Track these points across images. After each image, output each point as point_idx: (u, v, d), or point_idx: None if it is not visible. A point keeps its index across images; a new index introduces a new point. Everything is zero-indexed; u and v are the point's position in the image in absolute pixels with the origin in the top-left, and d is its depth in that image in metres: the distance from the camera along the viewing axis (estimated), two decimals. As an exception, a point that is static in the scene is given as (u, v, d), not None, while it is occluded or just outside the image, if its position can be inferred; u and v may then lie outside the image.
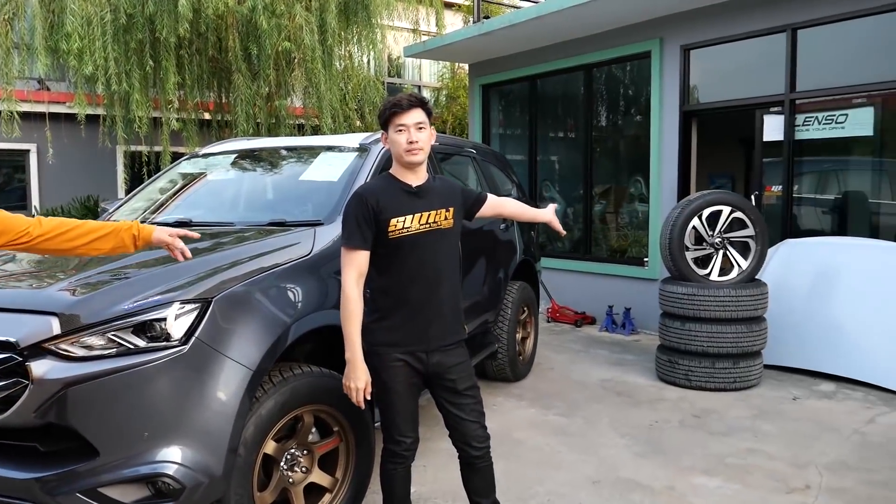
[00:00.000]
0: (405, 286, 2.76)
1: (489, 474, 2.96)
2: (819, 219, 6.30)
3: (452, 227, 2.87)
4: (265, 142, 4.63)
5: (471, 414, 2.87)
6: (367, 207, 2.70)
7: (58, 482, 2.53)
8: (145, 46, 7.47)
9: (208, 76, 8.61)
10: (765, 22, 6.14)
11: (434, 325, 2.79)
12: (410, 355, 2.78)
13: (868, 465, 3.98)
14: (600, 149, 8.00)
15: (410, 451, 2.88)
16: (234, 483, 2.75)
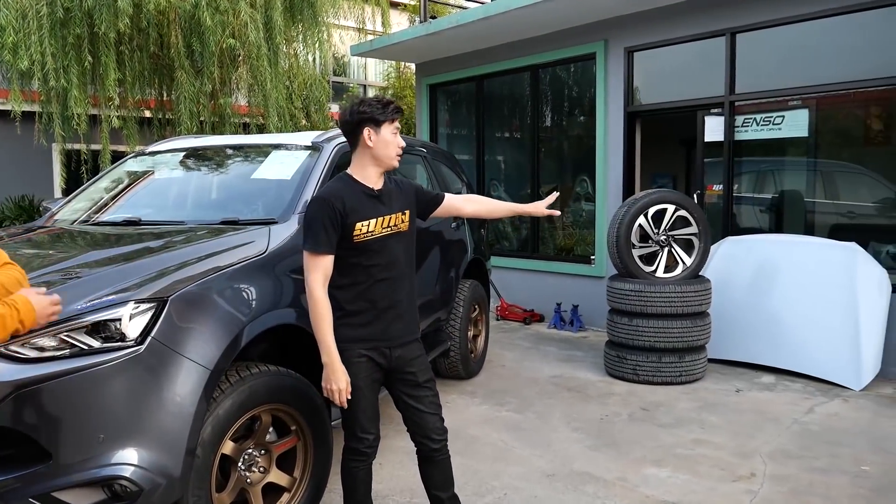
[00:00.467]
0: (369, 287, 2.78)
1: (447, 468, 2.99)
2: (758, 217, 6.54)
3: (408, 228, 2.91)
4: (215, 140, 4.55)
5: (430, 406, 2.91)
6: (335, 211, 2.70)
7: (10, 488, 2.45)
8: (84, 41, 7.22)
9: (150, 73, 8.39)
10: (705, 26, 6.34)
11: (396, 322, 2.83)
12: (374, 350, 2.80)
13: (808, 452, 4.15)
14: (547, 149, 8.12)
15: (373, 447, 2.89)
16: (192, 484, 2.71)
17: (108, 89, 7.36)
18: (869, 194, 5.98)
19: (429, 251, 4.93)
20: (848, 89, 5.74)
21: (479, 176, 8.75)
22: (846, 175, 6.11)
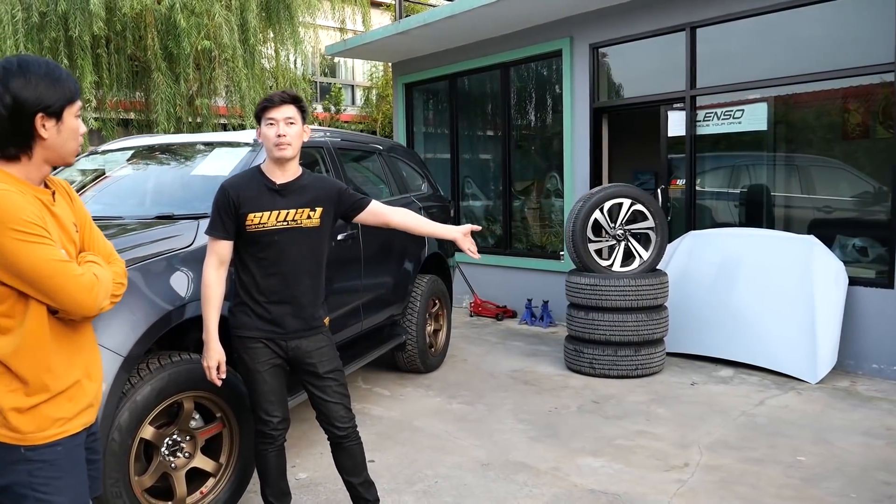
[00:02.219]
0: (262, 278, 2.86)
1: (357, 454, 3.06)
2: (720, 210, 6.58)
3: (319, 226, 2.94)
4: (164, 138, 4.65)
5: (333, 396, 2.97)
6: (229, 200, 2.82)
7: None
8: (60, 45, 7.36)
9: (128, 75, 8.52)
10: (665, 21, 6.38)
11: (290, 315, 2.89)
12: (269, 340, 2.88)
13: (748, 444, 4.18)
14: (518, 146, 8.17)
15: (278, 430, 2.96)
16: (109, 467, 2.78)
17: (85, 91, 7.49)
18: (832, 187, 6.00)
19: (382, 247, 5.00)
20: (805, 81, 5.76)
21: (454, 174, 8.82)
22: (807, 168, 6.13)
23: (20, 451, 1.78)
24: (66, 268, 1.77)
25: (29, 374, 1.78)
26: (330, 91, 13.75)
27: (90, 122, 8.24)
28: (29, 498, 1.78)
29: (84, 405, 1.91)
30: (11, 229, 1.67)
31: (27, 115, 1.76)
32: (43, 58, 1.95)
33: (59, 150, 1.86)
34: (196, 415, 3.24)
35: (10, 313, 1.76)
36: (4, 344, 1.76)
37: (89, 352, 1.99)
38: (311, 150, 4.59)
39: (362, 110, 14.22)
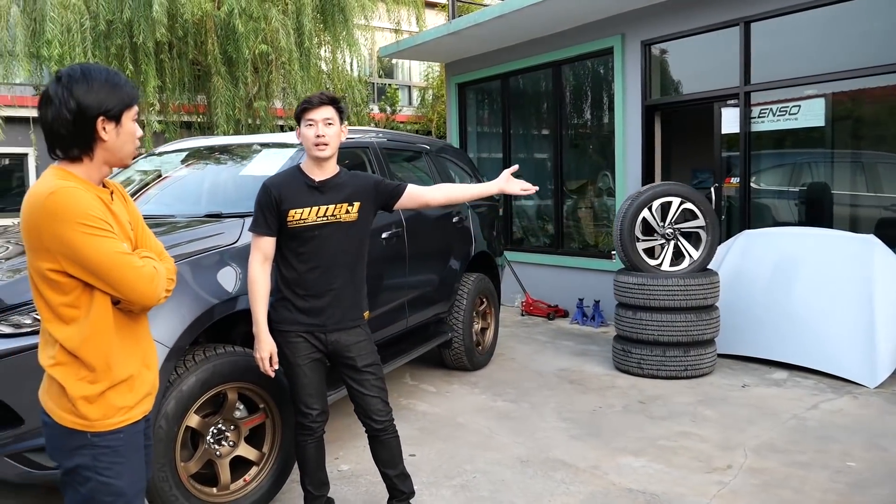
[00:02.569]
0: (303, 272, 2.95)
1: (394, 446, 3.13)
2: (777, 209, 6.40)
3: (356, 220, 3.02)
4: (216, 140, 4.82)
5: (371, 389, 3.04)
6: (271, 198, 2.92)
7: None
8: (125, 51, 7.70)
9: (189, 79, 8.84)
10: (719, 15, 6.26)
11: (330, 308, 2.97)
12: (309, 333, 2.97)
13: (796, 447, 4.08)
14: (570, 145, 8.13)
15: (317, 422, 3.05)
16: (156, 453, 2.92)
17: (149, 95, 7.80)
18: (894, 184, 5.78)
19: (427, 246, 5.06)
20: (867, 76, 5.57)
21: (506, 173, 8.82)
22: (874, 165, 5.91)
23: (87, 437, 1.90)
24: (128, 260, 1.87)
25: (95, 361, 1.90)
26: (385, 92, 13.91)
27: (154, 124, 8.60)
28: (92, 480, 1.91)
29: (143, 394, 2.03)
30: (79, 223, 1.79)
31: (89, 118, 1.87)
32: (104, 66, 2.08)
33: (118, 152, 1.97)
34: (240, 405, 3.37)
35: (77, 304, 1.87)
36: (72, 334, 1.88)
37: (146, 342, 2.10)
38: (357, 151, 4.69)
39: (418, 111, 14.35)
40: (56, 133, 1.90)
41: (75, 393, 1.88)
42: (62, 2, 7.25)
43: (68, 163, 1.92)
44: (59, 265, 1.83)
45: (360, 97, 10.10)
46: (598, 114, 7.78)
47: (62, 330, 1.89)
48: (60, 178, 1.87)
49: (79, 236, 1.79)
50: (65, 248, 1.80)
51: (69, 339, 1.88)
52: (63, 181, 1.85)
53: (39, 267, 1.85)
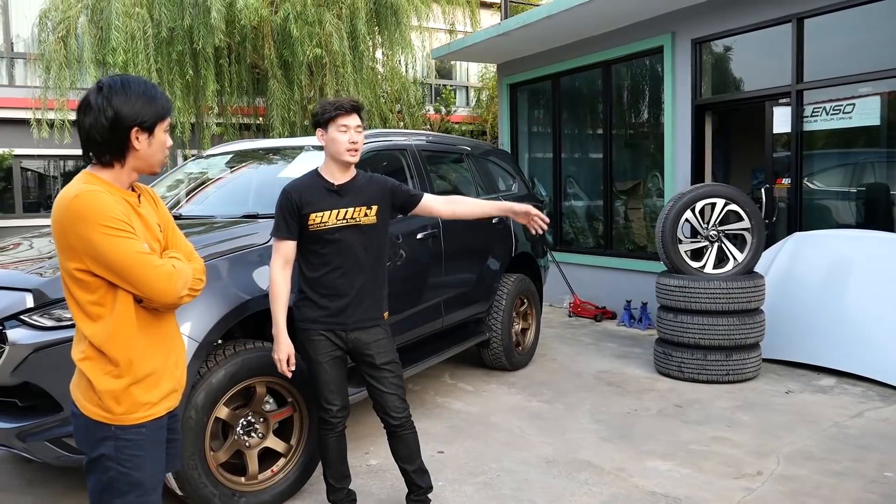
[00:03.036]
0: (325, 273, 3.05)
1: (411, 442, 3.21)
2: (829, 211, 6.20)
3: (376, 223, 3.11)
4: (259, 143, 5.01)
5: (389, 386, 3.13)
6: (292, 202, 3.02)
7: (30, 431, 2.95)
8: (185, 57, 8.02)
9: (248, 83, 9.14)
10: (771, 12, 6.10)
11: (350, 308, 3.07)
12: (330, 332, 3.07)
13: (832, 455, 3.98)
14: (619, 145, 8.05)
15: (338, 418, 3.16)
16: (186, 442, 3.09)
17: (209, 99, 8.12)
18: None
19: (464, 245, 5.12)
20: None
21: (556, 174, 8.81)
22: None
23: (111, 430, 2.03)
24: (147, 259, 1.98)
25: (119, 357, 2.02)
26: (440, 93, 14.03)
27: (212, 127, 8.95)
28: (112, 470, 2.04)
29: (168, 391, 2.14)
30: (101, 225, 1.91)
31: (124, 128, 1.99)
32: (143, 78, 2.20)
33: (149, 160, 2.08)
34: (270, 399, 3.51)
35: (102, 302, 2.01)
36: (98, 330, 2.01)
37: (173, 340, 2.22)
38: (395, 153, 4.80)
39: (474, 111, 14.41)
40: (92, 139, 2.03)
41: (101, 387, 2.01)
42: (126, 11, 7.65)
43: (100, 167, 2.05)
44: (84, 265, 1.96)
45: (414, 98, 10.24)
46: (648, 114, 7.68)
47: (89, 326, 2.02)
48: (87, 182, 1.99)
49: (101, 237, 1.91)
50: (89, 248, 1.92)
51: (95, 335, 2.01)
52: (88, 185, 1.97)
53: (67, 266, 1.98)
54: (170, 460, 2.25)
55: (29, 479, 3.88)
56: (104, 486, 2.06)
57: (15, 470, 4.01)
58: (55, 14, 8.31)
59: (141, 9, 7.68)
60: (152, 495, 2.12)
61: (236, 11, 7.55)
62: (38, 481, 3.82)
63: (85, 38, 7.86)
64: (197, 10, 7.51)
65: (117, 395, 2.03)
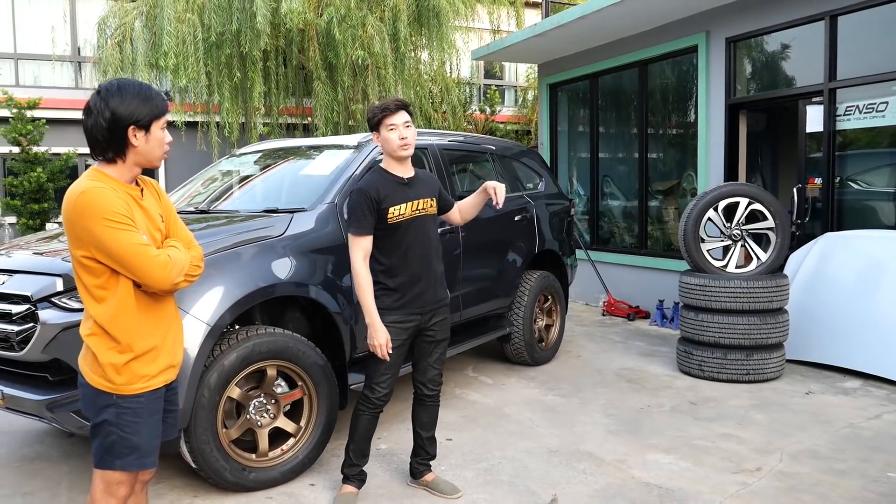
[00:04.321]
0: (402, 260, 3.28)
1: (434, 412, 3.55)
2: (862, 212, 6.08)
3: (435, 213, 3.41)
4: (287, 142, 5.26)
5: (436, 362, 3.45)
6: (371, 199, 3.22)
7: (60, 403, 3.24)
8: (234, 60, 8.39)
9: (294, 84, 9.48)
10: (804, 10, 6.03)
11: (428, 290, 3.33)
12: (406, 317, 3.29)
13: (838, 455, 3.96)
14: (654, 144, 8.04)
15: (380, 400, 3.38)
16: (199, 418, 3.34)
17: (255, 100, 8.47)
18: None
19: (483, 241, 5.25)
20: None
21: (593, 173, 8.84)
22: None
23: (112, 398, 2.28)
24: (144, 250, 2.21)
25: (120, 335, 2.26)
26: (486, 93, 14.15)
27: (259, 126, 9.32)
28: (113, 434, 2.29)
29: (165, 365, 2.38)
30: (104, 219, 2.15)
31: (122, 126, 2.23)
32: (138, 81, 2.44)
33: (147, 155, 2.32)
34: (282, 382, 3.74)
35: (106, 286, 2.25)
36: (103, 311, 2.26)
37: (171, 320, 2.45)
38: (417, 152, 4.97)
39: (519, 111, 14.49)
40: (94, 138, 2.28)
41: (104, 360, 2.26)
42: (178, 16, 8.07)
43: (105, 164, 2.29)
44: (90, 253, 2.20)
45: (457, 99, 10.40)
46: (683, 113, 7.65)
47: (95, 307, 2.26)
48: (93, 178, 2.23)
49: (103, 229, 2.14)
50: (93, 239, 2.16)
51: (100, 315, 2.25)
52: (94, 182, 2.21)
53: (76, 254, 2.23)
54: (166, 428, 2.48)
55: (67, 451, 4.22)
56: (106, 448, 2.30)
57: (55, 443, 4.36)
58: (113, 20, 8.83)
59: (192, 14, 8.09)
60: (148, 458, 2.35)
61: (281, 16, 7.86)
62: (74, 453, 4.15)
63: (139, 43, 8.32)
64: (244, 14, 7.86)
65: (118, 368, 2.26)
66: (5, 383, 3.46)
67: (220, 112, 8.66)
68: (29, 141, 10.21)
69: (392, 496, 3.57)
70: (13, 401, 3.38)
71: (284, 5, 7.68)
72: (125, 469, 2.31)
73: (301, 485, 3.69)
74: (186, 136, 9.87)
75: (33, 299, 3.30)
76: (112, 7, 8.99)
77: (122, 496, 2.35)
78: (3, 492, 3.70)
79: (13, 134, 10.10)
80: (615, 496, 3.52)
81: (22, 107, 10.12)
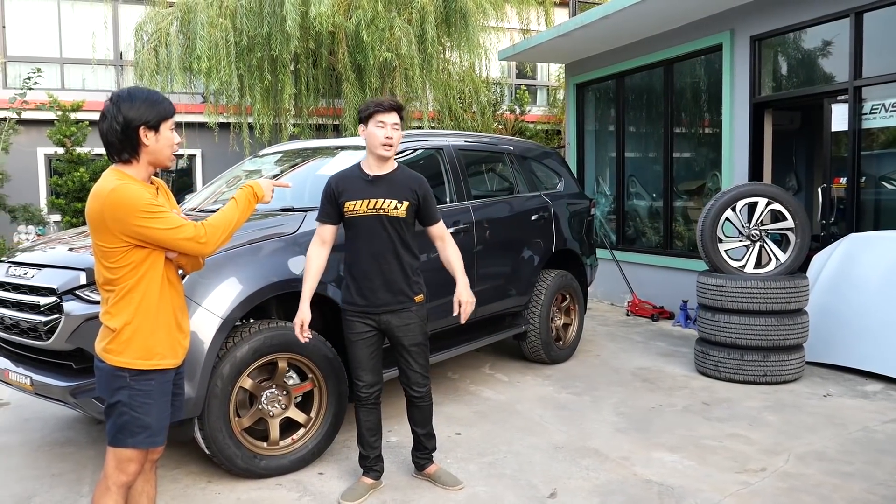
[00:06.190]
0: (356, 255, 3.41)
1: (426, 410, 3.63)
2: (888, 212, 5.97)
3: (404, 217, 3.40)
4: (308, 143, 5.41)
5: (415, 366, 3.52)
6: (331, 191, 3.40)
7: (81, 390, 3.43)
8: (265, 63, 8.61)
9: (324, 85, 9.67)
10: (829, 7, 5.96)
11: (380, 291, 3.40)
12: (363, 314, 3.42)
13: (847, 458, 3.94)
14: (680, 144, 7.99)
15: (366, 394, 3.50)
16: (212, 407, 3.50)
17: (285, 102, 8.67)
18: None
19: (497, 241, 5.30)
20: None
21: (619, 173, 8.83)
22: None
23: (126, 380, 2.47)
24: (176, 232, 2.44)
25: (135, 317, 2.45)
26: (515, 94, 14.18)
27: (289, 128, 9.54)
28: (126, 414, 2.47)
29: (174, 349, 2.57)
30: (139, 210, 2.37)
31: (133, 128, 2.44)
32: (147, 88, 2.65)
33: (158, 154, 2.53)
34: (293, 374, 3.88)
35: (122, 272, 2.44)
36: (119, 294, 2.45)
37: (179, 309, 2.64)
38: (432, 152, 5.08)
39: (550, 110, 14.48)
40: (109, 141, 2.49)
41: (122, 336, 2.45)
42: (211, 21, 8.32)
43: (122, 164, 2.49)
44: (115, 242, 2.40)
45: (486, 99, 10.47)
46: (707, 112, 7.60)
47: (112, 289, 2.47)
48: (118, 177, 2.44)
49: (140, 220, 2.37)
50: (127, 228, 2.37)
51: (117, 297, 2.45)
52: (120, 180, 2.42)
53: (98, 243, 2.44)
54: (174, 411, 2.67)
55: (94, 437, 4.43)
56: (119, 427, 2.49)
57: (84, 428, 4.59)
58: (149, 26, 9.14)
59: (224, 19, 8.33)
60: (158, 437, 2.55)
61: (310, 19, 8.04)
62: (101, 439, 4.36)
63: (173, 48, 8.61)
64: (274, 18, 8.07)
65: (135, 346, 2.45)
66: (35, 370, 3.67)
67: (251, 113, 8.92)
68: (72, 142, 10.62)
69: (396, 486, 3.68)
70: (42, 387, 3.59)
71: (313, 9, 7.86)
72: (136, 447, 2.49)
73: (310, 473, 3.82)
74: (219, 137, 10.17)
75: (59, 292, 3.50)
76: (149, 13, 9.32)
77: (133, 472, 2.54)
78: (34, 473, 3.92)
79: (58, 135, 10.52)
80: (614, 492, 3.56)
81: (66, 109, 10.55)
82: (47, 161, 12.61)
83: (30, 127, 11.44)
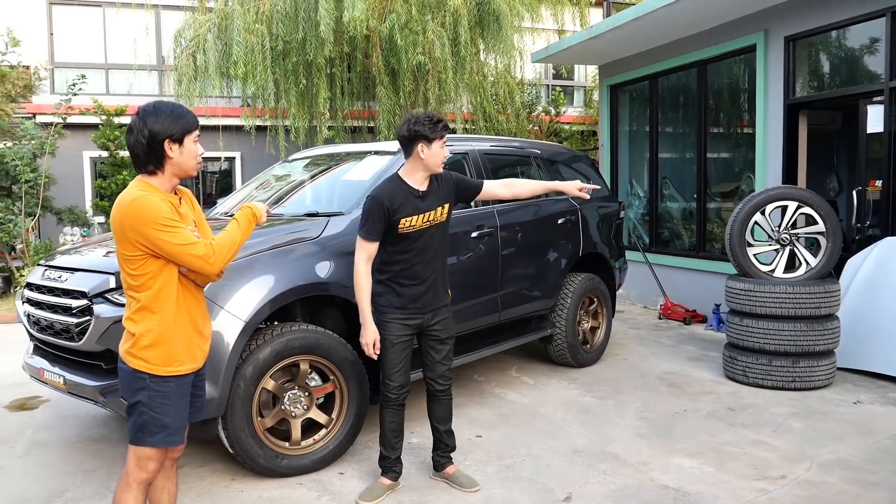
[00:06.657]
0: (408, 265, 3.49)
1: (448, 406, 3.73)
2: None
3: (446, 219, 3.59)
4: (335, 148, 5.50)
5: (444, 359, 3.64)
6: (383, 209, 3.43)
7: (109, 389, 3.58)
8: (300, 67, 8.76)
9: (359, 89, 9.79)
10: (865, 6, 5.83)
11: (429, 292, 3.54)
12: (407, 316, 3.51)
13: (871, 466, 3.88)
14: (713, 145, 7.89)
15: (395, 394, 3.58)
16: (235, 408, 3.61)
17: (320, 105, 8.81)
18: None
19: (523, 243, 5.33)
20: None
21: (652, 175, 8.75)
22: None
23: (146, 382, 2.59)
24: (187, 249, 2.52)
25: (156, 323, 2.56)
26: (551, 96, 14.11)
27: (324, 131, 9.68)
28: (146, 414, 2.59)
29: (193, 353, 2.68)
30: (155, 223, 2.48)
31: (158, 141, 2.56)
32: (172, 102, 2.77)
33: (182, 165, 2.64)
34: (315, 376, 3.97)
35: (144, 281, 2.56)
36: (141, 299, 2.57)
37: (200, 315, 2.75)
38: (458, 157, 5.12)
39: (586, 111, 14.38)
40: (136, 153, 2.61)
41: (142, 342, 2.56)
42: (247, 27, 8.50)
43: (147, 176, 2.61)
44: (134, 251, 2.51)
45: (520, 101, 10.47)
46: (742, 114, 7.49)
47: (135, 296, 2.58)
48: (140, 188, 2.56)
49: (155, 232, 2.47)
50: (143, 238, 2.48)
51: (140, 304, 2.56)
52: (142, 191, 2.54)
53: (120, 250, 2.56)
54: (193, 411, 2.78)
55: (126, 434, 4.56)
56: (139, 426, 2.61)
57: (117, 426, 4.76)
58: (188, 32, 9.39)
59: (261, 25, 8.51)
60: (176, 436, 2.66)
61: (344, 24, 8.16)
62: (133, 436, 4.53)
63: (211, 53, 8.82)
64: (309, 24, 8.21)
65: (153, 351, 2.56)
66: (68, 370, 3.84)
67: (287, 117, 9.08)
68: (116, 146, 10.96)
69: (414, 487, 3.74)
70: (74, 386, 3.75)
71: (347, 14, 7.97)
72: (155, 445, 2.60)
73: (331, 473, 3.91)
74: (256, 140, 10.37)
75: (89, 295, 3.65)
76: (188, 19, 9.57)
77: (152, 470, 2.65)
78: (68, 468, 4.09)
79: (102, 139, 10.87)
80: (629, 497, 3.57)
81: (110, 114, 10.88)
82: (92, 164, 13.03)
83: (76, 131, 11.83)
